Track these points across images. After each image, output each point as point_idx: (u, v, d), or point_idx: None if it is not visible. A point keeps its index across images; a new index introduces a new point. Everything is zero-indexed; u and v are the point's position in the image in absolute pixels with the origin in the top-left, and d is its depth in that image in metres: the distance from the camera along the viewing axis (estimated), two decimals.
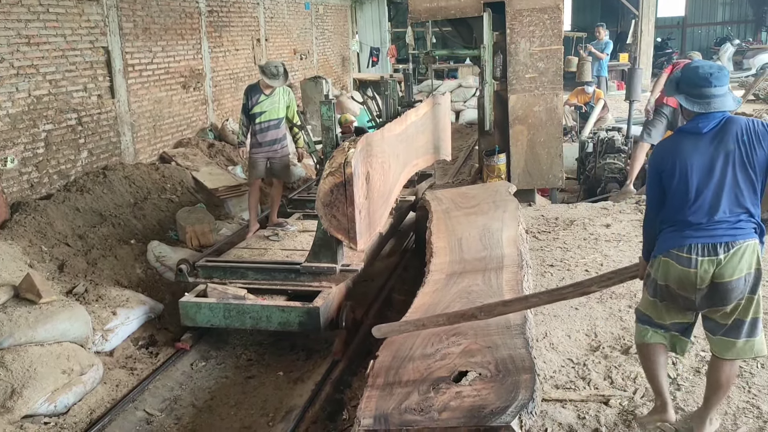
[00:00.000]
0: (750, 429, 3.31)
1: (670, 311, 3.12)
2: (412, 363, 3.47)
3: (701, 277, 2.91)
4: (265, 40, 12.09)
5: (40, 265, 5.48)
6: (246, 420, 4.40)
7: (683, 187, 2.96)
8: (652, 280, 3.11)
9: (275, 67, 6.35)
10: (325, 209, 4.58)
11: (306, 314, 4.78)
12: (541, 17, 7.72)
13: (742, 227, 2.92)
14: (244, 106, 6.51)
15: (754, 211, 2.93)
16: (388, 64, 19.69)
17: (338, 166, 4.44)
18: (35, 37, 6.53)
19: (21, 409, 4.08)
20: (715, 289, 2.93)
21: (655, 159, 3.17)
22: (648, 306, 3.20)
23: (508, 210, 6.02)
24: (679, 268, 2.96)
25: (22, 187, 6.42)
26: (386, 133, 5.61)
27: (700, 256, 2.91)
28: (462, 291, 4.42)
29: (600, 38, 14.26)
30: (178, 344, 5.14)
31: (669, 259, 2.99)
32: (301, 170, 9.53)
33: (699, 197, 2.94)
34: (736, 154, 2.90)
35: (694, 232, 2.94)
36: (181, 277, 5.36)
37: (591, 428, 3.41)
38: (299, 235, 6.44)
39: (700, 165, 2.93)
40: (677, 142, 3.04)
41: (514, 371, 3.22)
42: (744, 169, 2.90)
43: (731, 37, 20.44)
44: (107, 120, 7.63)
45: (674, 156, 3.00)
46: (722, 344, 3.06)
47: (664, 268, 3.01)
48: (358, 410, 3.08)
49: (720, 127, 2.94)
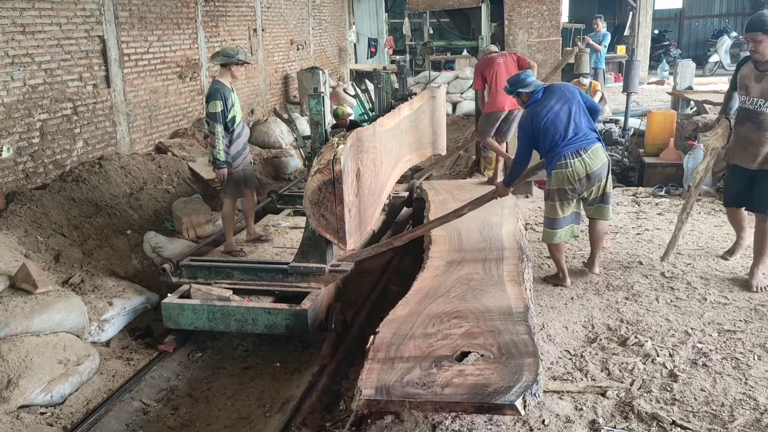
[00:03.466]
0: (747, 420, 3.32)
1: (564, 206, 4.86)
2: (413, 341, 3.49)
3: (577, 172, 4.74)
4: (261, 30, 12.03)
5: (35, 255, 5.45)
6: (243, 411, 4.39)
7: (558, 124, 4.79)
8: (552, 190, 4.84)
9: (236, 48, 5.67)
10: (313, 208, 4.38)
11: (293, 317, 4.64)
12: (539, 8, 7.71)
13: (590, 137, 4.80)
14: (221, 114, 5.44)
15: (593, 126, 4.90)
16: (386, 55, 19.64)
17: (327, 163, 4.24)
18: (30, 25, 6.48)
19: (17, 399, 4.07)
20: (588, 176, 4.76)
21: (528, 120, 4.89)
22: (552, 211, 4.90)
23: (507, 206, 6.02)
24: (564, 171, 4.75)
25: (18, 176, 6.39)
26: (378, 128, 5.39)
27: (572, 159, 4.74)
28: (462, 278, 4.43)
29: (598, 30, 14.22)
30: (161, 347, 4.98)
31: (559, 169, 4.76)
32: (297, 161, 9.50)
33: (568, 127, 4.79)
34: (572, 101, 4.85)
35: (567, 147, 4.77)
36: (165, 277, 5.16)
37: (588, 419, 3.41)
38: (290, 232, 6.30)
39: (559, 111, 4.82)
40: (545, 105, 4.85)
41: (518, 355, 3.24)
42: (579, 106, 4.86)
43: (728, 30, 20.39)
44: (103, 110, 7.59)
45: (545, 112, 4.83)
46: (599, 211, 5.01)
47: (556, 176, 4.78)
48: (358, 381, 3.08)
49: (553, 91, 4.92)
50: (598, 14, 15.41)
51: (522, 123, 5.01)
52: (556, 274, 5.21)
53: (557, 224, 4.95)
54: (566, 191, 4.82)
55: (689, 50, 23.21)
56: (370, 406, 2.98)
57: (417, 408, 2.99)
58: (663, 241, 5.82)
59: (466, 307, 3.92)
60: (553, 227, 4.96)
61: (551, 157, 4.84)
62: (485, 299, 4.05)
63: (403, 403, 2.93)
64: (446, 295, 4.14)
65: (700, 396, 3.55)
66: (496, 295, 4.11)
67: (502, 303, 3.96)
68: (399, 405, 2.97)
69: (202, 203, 7.21)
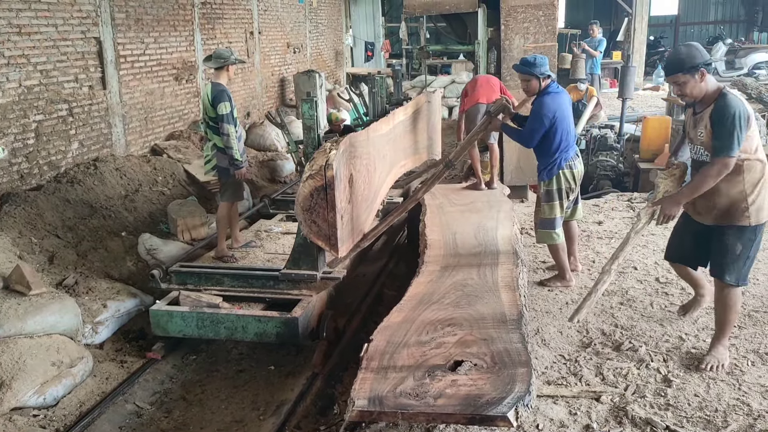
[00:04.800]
0: (740, 426, 3.32)
1: (562, 206, 5.02)
2: (407, 349, 3.48)
3: (580, 172, 5.05)
4: (258, 32, 12.03)
5: (29, 256, 5.43)
6: (237, 414, 4.38)
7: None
8: (555, 190, 4.96)
9: (228, 49, 5.64)
10: (304, 214, 4.24)
11: (284, 325, 4.57)
12: (535, 14, 7.72)
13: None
14: (231, 116, 5.49)
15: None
16: (383, 58, 19.66)
17: (319, 169, 4.11)
18: (26, 26, 6.46)
19: (10, 401, 4.05)
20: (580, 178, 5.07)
21: (551, 108, 4.85)
22: (552, 211, 5.01)
23: (503, 210, 6.03)
24: (573, 171, 4.97)
25: (12, 177, 6.36)
26: (372, 133, 5.29)
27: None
28: (457, 283, 4.43)
29: (593, 36, 14.28)
30: (149, 354, 4.92)
31: (568, 170, 4.95)
32: (293, 164, 9.48)
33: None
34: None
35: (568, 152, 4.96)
36: (154, 283, 5.07)
37: (582, 424, 3.42)
38: (282, 237, 6.23)
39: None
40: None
41: (511, 364, 3.23)
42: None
43: (723, 37, 20.49)
44: (98, 111, 7.57)
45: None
46: (575, 211, 5.27)
47: (564, 176, 4.94)
48: (352, 391, 3.07)
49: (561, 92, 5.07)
50: (594, 20, 15.52)
51: (544, 110, 4.82)
52: (557, 275, 5.24)
53: (557, 224, 5.06)
54: (569, 191, 5.00)
55: None
56: (362, 417, 2.98)
57: (410, 419, 2.98)
58: (657, 246, 5.83)
59: (460, 314, 3.91)
60: (554, 227, 5.06)
61: (559, 158, 4.91)
62: (479, 306, 4.04)
63: (396, 414, 2.92)
64: (440, 302, 4.14)
65: (693, 401, 3.56)
66: (490, 301, 4.11)
67: (497, 310, 3.96)
68: (392, 416, 2.96)
69: (197, 205, 7.20)
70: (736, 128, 3.47)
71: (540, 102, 4.88)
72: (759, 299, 4.81)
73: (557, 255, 5.17)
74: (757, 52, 18.77)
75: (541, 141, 4.90)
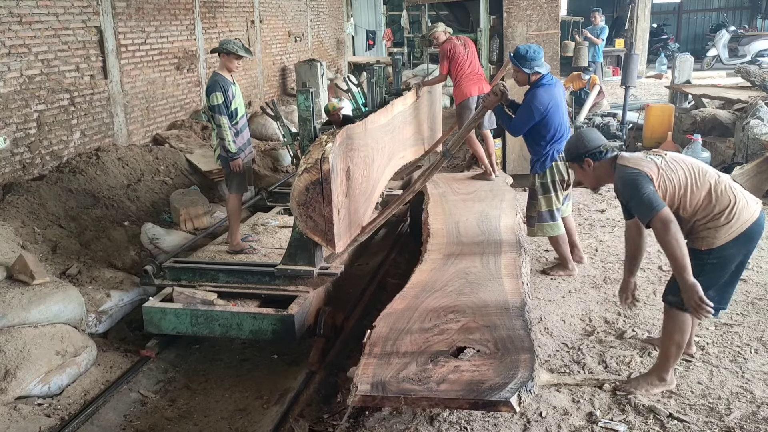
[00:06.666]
0: (743, 413, 3.33)
1: (558, 197, 5.06)
2: (410, 335, 3.49)
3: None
4: (259, 21, 11.98)
5: (33, 246, 5.44)
6: (240, 402, 4.40)
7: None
8: (549, 182, 4.98)
9: (237, 40, 5.55)
10: (300, 209, 4.13)
11: (280, 322, 4.45)
12: (538, 1, 7.69)
13: None
14: (224, 106, 5.35)
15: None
16: (384, 47, 19.59)
17: (314, 162, 3.99)
18: (27, 15, 6.44)
19: (14, 390, 4.07)
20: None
21: (544, 101, 4.83)
22: (550, 203, 5.04)
23: (506, 199, 6.03)
24: (561, 164, 4.97)
25: (15, 168, 6.36)
26: (370, 124, 5.16)
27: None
28: (460, 271, 4.43)
29: (596, 23, 14.20)
30: (143, 352, 4.80)
31: (562, 161, 4.93)
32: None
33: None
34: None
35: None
36: (147, 279, 4.94)
37: (585, 411, 3.42)
38: (279, 231, 6.13)
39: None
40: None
41: (513, 350, 3.24)
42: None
43: (727, 24, 20.37)
44: (100, 101, 7.56)
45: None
46: (569, 207, 5.37)
47: (557, 167, 4.99)
48: (354, 376, 3.08)
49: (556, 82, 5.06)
50: (597, 7, 15.41)
51: (536, 102, 4.81)
52: (559, 265, 5.29)
53: (556, 215, 5.13)
54: (563, 182, 5.08)
55: (687, 44, 23.20)
56: (365, 402, 2.99)
57: (412, 404, 3.00)
58: None
59: (463, 302, 3.92)
60: (554, 218, 5.13)
61: (551, 150, 4.97)
62: (482, 293, 4.05)
63: (399, 399, 2.93)
64: (443, 289, 4.14)
65: (697, 389, 3.57)
66: (493, 289, 4.12)
67: (499, 297, 3.97)
68: (394, 401, 2.98)
69: (199, 195, 7.19)
70: (640, 191, 3.27)
71: (533, 93, 4.87)
72: (763, 287, 4.81)
73: (558, 245, 5.22)
74: (761, 39, 18.65)
75: (533, 133, 4.92)
